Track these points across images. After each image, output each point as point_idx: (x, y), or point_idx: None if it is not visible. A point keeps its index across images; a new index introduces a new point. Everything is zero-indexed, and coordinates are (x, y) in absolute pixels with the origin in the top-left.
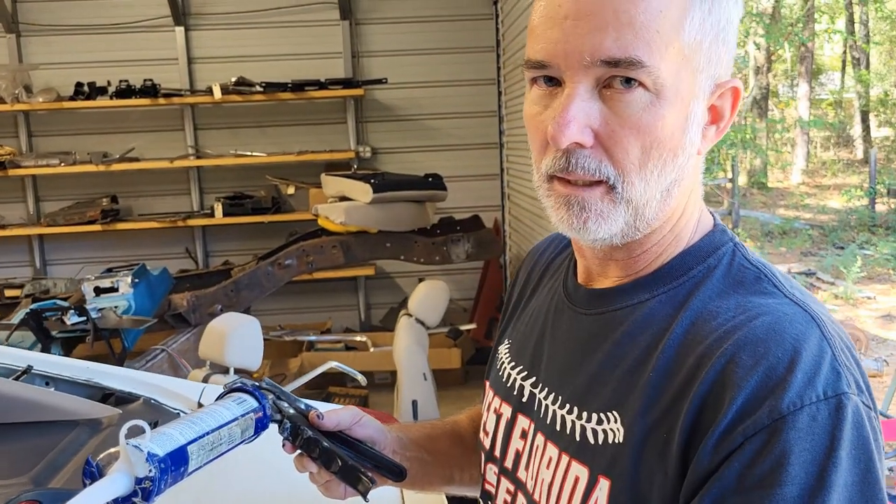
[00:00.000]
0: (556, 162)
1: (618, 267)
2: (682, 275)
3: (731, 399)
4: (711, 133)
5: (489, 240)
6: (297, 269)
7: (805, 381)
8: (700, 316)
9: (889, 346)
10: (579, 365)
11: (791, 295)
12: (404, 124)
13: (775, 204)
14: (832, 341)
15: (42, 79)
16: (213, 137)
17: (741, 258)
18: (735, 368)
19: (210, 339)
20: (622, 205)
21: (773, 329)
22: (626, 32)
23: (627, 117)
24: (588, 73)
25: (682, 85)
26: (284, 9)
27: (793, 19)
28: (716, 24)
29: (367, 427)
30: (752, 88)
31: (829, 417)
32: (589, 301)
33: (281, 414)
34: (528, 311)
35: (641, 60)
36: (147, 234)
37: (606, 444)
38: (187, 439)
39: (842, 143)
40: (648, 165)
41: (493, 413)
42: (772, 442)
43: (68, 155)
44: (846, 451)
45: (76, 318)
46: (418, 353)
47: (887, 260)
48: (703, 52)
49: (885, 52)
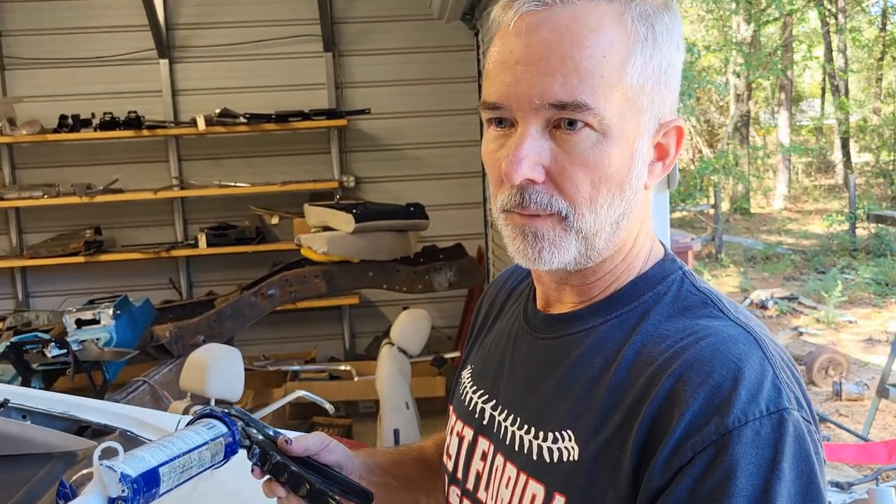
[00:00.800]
0: (512, 198)
1: (573, 293)
2: (633, 300)
3: (680, 416)
4: (658, 169)
5: (471, 268)
6: (280, 299)
7: (748, 397)
8: (650, 339)
9: (870, 370)
10: (536, 387)
11: (735, 318)
12: (388, 154)
13: (758, 229)
14: (773, 360)
15: (26, 111)
16: (198, 168)
17: (689, 285)
18: (683, 387)
19: (191, 371)
20: (573, 234)
21: (717, 350)
22: (572, 78)
23: (576, 155)
24: (538, 114)
25: (627, 124)
26: (268, 41)
27: (771, 48)
28: (657, 67)
29: (334, 452)
30: (734, 115)
31: (772, 432)
32: (546, 326)
33: (250, 440)
34: (491, 336)
35: (587, 103)
36: (131, 265)
37: (562, 462)
38: (159, 461)
39: (823, 168)
40: (598, 199)
41: (455, 436)
42: (719, 456)
43: (52, 187)
44: (789, 463)
45: (57, 351)
46: (400, 382)
47: (868, 284)
48: (646, 94)
49: (863, 80)
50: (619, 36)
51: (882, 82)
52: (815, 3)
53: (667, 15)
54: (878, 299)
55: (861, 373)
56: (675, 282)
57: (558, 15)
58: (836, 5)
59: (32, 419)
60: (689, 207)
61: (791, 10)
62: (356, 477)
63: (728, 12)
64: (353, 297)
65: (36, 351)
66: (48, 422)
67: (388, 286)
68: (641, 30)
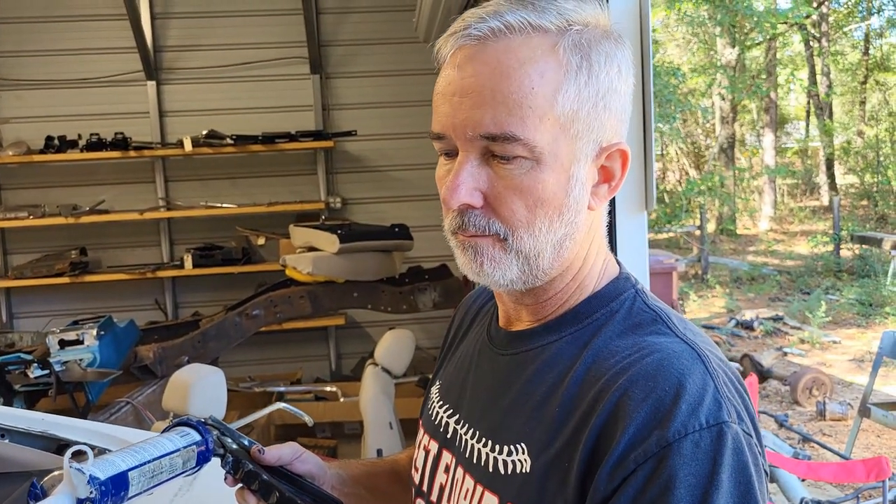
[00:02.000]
0: (454, 221)
1: (529, 311)
2: (586, 318)
3: (624, 429)
4: (604, 191)
5: (457, 288)
6: (264, 319)
7: (689, 411)
8: (600, 355)
9: (855, 390)
10: (495, 401)
11: (682, 335)
12: (374, 175)
13: (744, 250)
14: (715, 375)
15: (13, 132)
16: (184, 189)
17: (640, 303)
18: (627, 401)
19: (173, 391)
20: (513, 254)
21: (661, 365)
22: (501, 110)
23: (510, 181)
24: (473, 144)
25: (561, 151)
26: (256, 63)
27: (756, 71)
28: (594, 94)
29: (307, 462)
30: (719, 137)
31: (711, 444)
32: (506, 342)
33: (224, 448)
34: (458, 353)
35: (515, 135)
36: (116, 286)
37: (515, 474)
38: (129, 465)
39: (808, 190)
40: (535, 222)
41: (422, 450)
42: (660, 468)
43: (37, 208)
44: (727, 474)
45: (40, 372)
46: (384, 402)
47: (852, 305)
48: (581, 120)
49: (847, 103)
50: (550, 66)
51: (866, 105)
52: (799, 27)
53: (606, 43)
54: (862, 320)
55: (845, 393)
56: (628, 299)
57: (492, 48)
58: (819, 29)
59: (11, 438)
60: (675, 228)
61: (775, 33)
62: (328, 487)
63: (713, 36)
64: (339, 318)
65: (18, 372)
66: (27, 440)
67: (372, 306)
68: (574, 59)
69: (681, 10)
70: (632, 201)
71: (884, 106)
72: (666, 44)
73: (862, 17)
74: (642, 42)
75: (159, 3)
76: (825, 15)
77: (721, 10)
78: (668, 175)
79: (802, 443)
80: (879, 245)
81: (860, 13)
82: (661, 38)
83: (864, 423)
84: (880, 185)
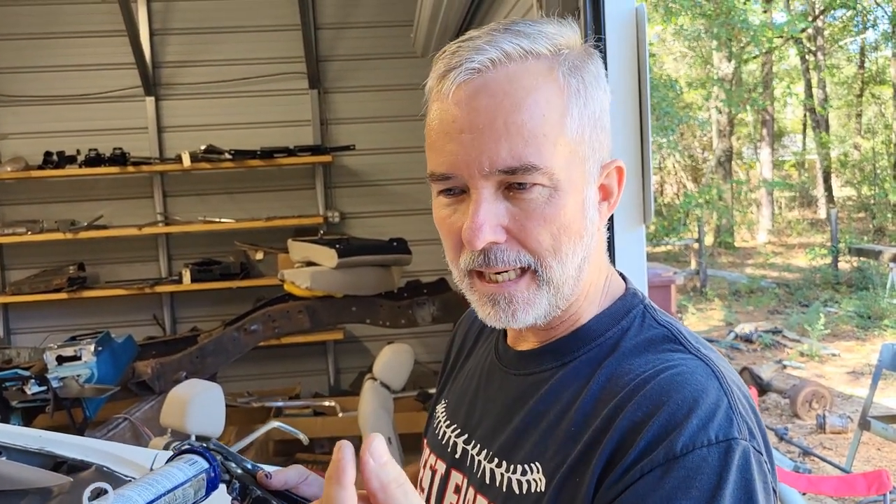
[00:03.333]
0: (475, 259)
1: (536, 333)
2: (598, 336)
3: (636, 442)
4: (604, 209)
5: (455, 302)
6: (262, 334)
7: (699, 426)
8: (615, 373)
9: (854, 403)
10: (507, 422)
11: (696, 350)
12: (372, 189)
13: (742, 263)
14: (729, 391)
15: (11, 148)
16: (182, 204)
17: (651, 319)
18: (642, 417)
19: (171, 407)
20: (545, 287)
21: (675, 381)
22: (518, 142)
23: (532, 211)
24: (489, 179)
25: (574, 174)
26: (254, 79)
27: (752, 84)
28: (592, 115)
29: (313, 486)
30: (717, 150)
31: (718, 460)
32: (517, 362)
33: (230, 474)
34: (464, 372)
35: (535, 164)
36: (114, 301)
37: (530, 493)
38: (146, 500)
39: (805, 203)
40: (562, 249)
41: (428, 469)
42: (664, 479)
43: (35, 223)
44: (730, 491)
45: (37, 388)
46: (383, 417)
47: (850, 317)
48: (586, 142)
49: (843, 116)
50: (553, 92)
51: (862, 118)
52: (794, 41)
53: (591, 63)
54: (860, 332)
55: (845, 405)
56: (637, 316)
57: (494, 80)
58: (814, 43)
59: (8, 455)
60: (673, 241)
61: (771, 47)
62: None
63: (709, 49)
64: (338, 333)
65: (16, 388)
66: (24, 457)
67: (371, 321)
68: (573, 82)
69: (677, 23)
70: (630, 214)
71: (880, 119)
72: (662, 57)
73: (857, 31)
74: (639, 56)
75: (158, 19)
76: (821, 29)
77: (717, 24)
78: (666, 188)
79: (803, 456)
80: (877, 257)
81: (855, 27)
82: (658, 51)
83: (865, 436)
84: (877, 198)
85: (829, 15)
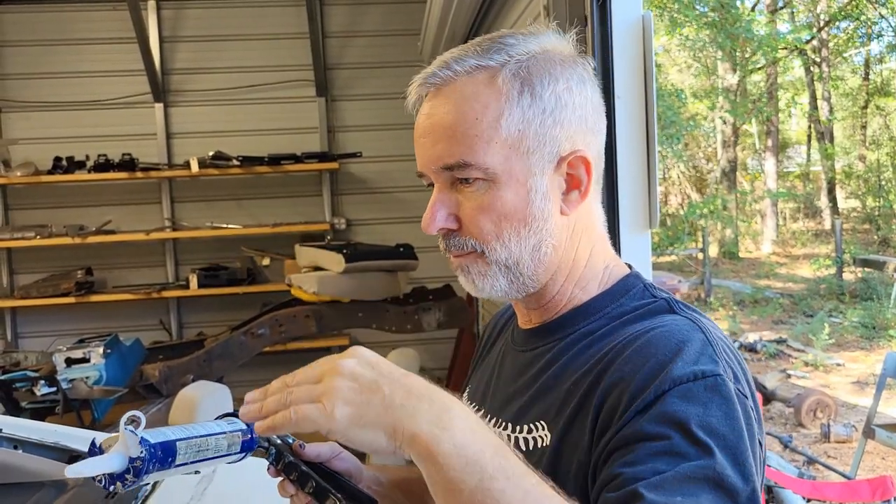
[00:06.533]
0: (441, 244)
1: (538, 314)
2: (597, 312)
3: (627, 389)
4: (574, 197)
5: (460, 308)
6: (269, 338)
7: (683, 365)
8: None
9: (859, 412)
10: (515, 391)
11: (686, 313)
12: (378, 196)
13: (746, 273)
14: (714, 343)
15: (21, 153)
16: (190, 210)
17: (649, 295)
18: (631, 368)
19: (180, 407)
20: (494, 266)
21: (662, 335)
22: (452, 143)
23: (474, 201)
24: (441, 175)
25: (514, 168)
26: (262, 86)
27: (757, 95)
28: (540, 112)
29: (345, 461)
30: (721, 161)
31: (704, 391)
32: (524, 340)
33: (269, 442)
34: (486, 360)
35: (468, 161)
36: (121, 305)
37: (536, 449)
38: (177, 437)
39: (810, 214)
40: (503, 234)
41: None
42: (654, 408)
43: (44, 228)
44: (716, 417)
45: (46, 389)
46: None
47: (855, 327)
48: (531, 137)
49: (848, 127)
50: (491, 97)
51: (867, 130)
52: (799, 52)
53: (551, 66)
54: (865, 342)
55: (850, 415)
56: (637, 292)
57: (444, 92)
58: (819, 55)
59: (24, 448)
60: (677, 251)
61: (776, 58)
62: (364, 487)
63: (714, 60)
64: (344, 338)
65: (25, 389)
66: (40, 451)
67: (377, 326)
68: (516, 85)
69: (682, 34)
70: (635, 219)
71: (884, 130)
72: (667, 68)
73: (862, 43)
74: (645, 65)
75: (168, 26)
76: (825, 40)
77: (722, 35)
78: (671, 198)
79: (807, 464)
80: (882, 268)
81: (860, 39)
82: (663, 62)
83: (869, 445)
84: (882, 209)
85: (834, 27)
